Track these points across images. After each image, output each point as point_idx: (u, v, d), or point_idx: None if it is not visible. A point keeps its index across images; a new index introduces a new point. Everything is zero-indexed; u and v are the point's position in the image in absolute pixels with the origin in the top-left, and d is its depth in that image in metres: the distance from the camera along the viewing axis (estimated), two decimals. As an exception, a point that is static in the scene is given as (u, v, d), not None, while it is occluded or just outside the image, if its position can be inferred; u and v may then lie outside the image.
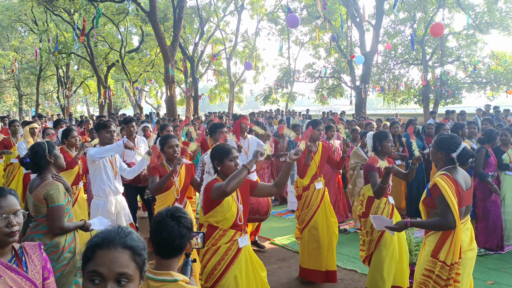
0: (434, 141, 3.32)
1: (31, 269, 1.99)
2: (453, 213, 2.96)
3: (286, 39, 31.93)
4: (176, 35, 19.71)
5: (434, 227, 3.08)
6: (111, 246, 1.31)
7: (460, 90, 24.12)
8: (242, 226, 3.20)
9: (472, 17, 23.22)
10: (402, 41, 26.37)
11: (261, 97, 32.78)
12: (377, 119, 13.68)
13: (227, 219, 3.13)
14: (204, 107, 55.11)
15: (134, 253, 1.34)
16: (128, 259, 1.32)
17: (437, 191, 3.04)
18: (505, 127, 7.30)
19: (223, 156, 3.19)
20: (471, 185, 3.23)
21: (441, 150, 3.24)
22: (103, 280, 1.28)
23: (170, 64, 18.77)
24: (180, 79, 33.23)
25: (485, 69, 24.82)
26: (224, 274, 3.04)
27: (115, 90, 34.47)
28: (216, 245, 3.11)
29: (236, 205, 3.17)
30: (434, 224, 3.06)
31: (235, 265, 3.08)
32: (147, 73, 30.46)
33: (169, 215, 1.99)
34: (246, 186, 3.30)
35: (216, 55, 31.41)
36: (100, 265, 1.29)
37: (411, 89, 26.18)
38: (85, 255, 1.33)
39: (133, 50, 30.27)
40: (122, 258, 1.31)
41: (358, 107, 21.77)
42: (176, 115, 20.31)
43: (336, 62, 29.68)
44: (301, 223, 4.99)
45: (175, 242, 1.94)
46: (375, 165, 4.03)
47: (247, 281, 3.09)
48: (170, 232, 1.94)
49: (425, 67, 23.95)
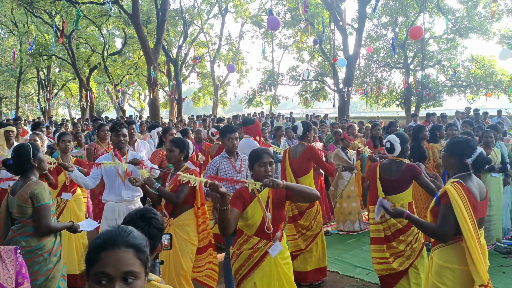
0: (447, 145, 3.02)
1: (3, 274, 1.96)
2: (461, 226, 2.68)
3: (270, 42, 32.07)
4: (159, 37, 19.62)
5: (427, 231, 2.87)
6: (115, 246, 1.32)
7: (440, 93, 24.55)
8: (270, 234, 3.07)
9: (452, 21, 23.68)
10: (384, 45, 26.73)
11: (245, 100, 32.81)
12: (359, 122, 13.84)
13: (249, 226, 3.06)
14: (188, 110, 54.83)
15: (138, 250, 1.36)
16: (133, 257, 1.34)
17: (445, 199, 2.77)
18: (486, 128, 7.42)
19: (253, 161, 3.11)
20: (486, 195, 2.93)
21: (454, 155, 2.92)
22: (111, 281, 1.30)
23: (153, 67, 18.67)
24: (163, 81, 33.04)
25: (465, 73, 25.32)
26: (244, 280, 3.05)
27: (97, 92, 34.11)
28: (239, 250, 3.09)
29: (262, 213, 3.05)
30: (428, 227, 2.85)
31: (257, 272, 3.03)
32: (130, 75, 30.22)
33: (139, 215, 2.00)
34: (280, 191, 3.10)
35: (199, 58, 31.34)
36: (106, 266, 1.30)
37: (393, 92, 26.53)
38: (89, 258, 1.34)
39: (115, 53, 30.01)
40: (127, 257, 1.32)
41: (341, 110, 21.95)
42: (159, 118, 20.19)
43: (319, 65, 29.93)
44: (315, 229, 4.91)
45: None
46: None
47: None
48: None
49: (407, 70, 24.31)
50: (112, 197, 4.47)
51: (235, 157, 4.57)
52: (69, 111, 41.27)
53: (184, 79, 31.92)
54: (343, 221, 6.93)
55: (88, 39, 27.45)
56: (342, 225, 6.93)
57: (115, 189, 4.48)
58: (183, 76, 32.33)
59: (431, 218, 2.95)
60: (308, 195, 2.96)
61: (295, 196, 3.07)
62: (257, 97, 32.08)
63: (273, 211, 3.09)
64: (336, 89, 24.26)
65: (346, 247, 6.19)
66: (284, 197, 3.13)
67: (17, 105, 31.19)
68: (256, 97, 31.98)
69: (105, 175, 4.52)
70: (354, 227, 6.87)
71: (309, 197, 2.98)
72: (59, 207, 4.91)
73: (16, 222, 3.17)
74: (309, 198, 3.01)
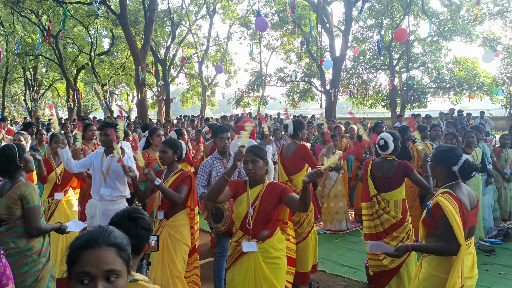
0: (433, 155, 3.04)
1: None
2: (457, 236, 2.67)
3: (258, 43, 32.10)
4: (147, 38, 19.52)
5: (437, 253, 2.80)
6: (96, 245, 1.32)
7: (425, 95, 24.86)
8: (250, 231, 3.14)
9: (436, 24, 24.00)
10: (370, 47, 26.97)
11: (233, 101, 32.78)
12: (345, 122, 13.93)
13: (236, 218, 3.23)
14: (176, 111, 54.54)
15: (119, 249, 1.37)
16: (114, 256, 1.34)
17: (439, 212, 2.73)
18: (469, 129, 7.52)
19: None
20: (477, 204, 2.93)
21: (440, 164, 2.94)
22: (93, 280, 1.30)
23: (141, 67, 18.56)
24: (151, 82, 32.84)
25: (448, 75, 25.67)
26: (229, 269, 3.26)
27: (84, 93, 33.77)
28: (232, 240, 3.28)
29: (246, 208, 3.15)
30: (436, 249, 2.77)
31: (237, 264, 3.18)
32: (117, 76, 29.98)
33: (127, 215, 2.00)
34: (275, 191, 3.15)
35: (187, 59, 31.23)
36: (87, 265, 1.30)
37: (379, 93, 26.78)
38: (70, 258, 1.34)
39: (103, 53, 29.74)
40: (108, 255, 1.33)
41: (328, 111, 22.07)
42: (147, 118, 20.08)
43: (306, 67, 30.06)
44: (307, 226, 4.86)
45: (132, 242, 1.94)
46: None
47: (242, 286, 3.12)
48: (126, 232, 1.93)
49: (392, 72, 24.55)
50: (94, 195, 4.45)
51: (227, 157, 4.53)
52: (56, 111, 40.76)
53: (172, 80, 31.77)
54: (330, 220, 6.97)
55: (75, 39, 27.16)
56: (330, 224, 6.97)
57: (96, 186, 4.44)
58: (171, 76, 32.17)
59: (423, 228, 2.93)
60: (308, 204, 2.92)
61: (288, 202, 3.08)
62: (245, 98, 32.08)
63: (259, 209, 3.13)
64: (323, 90, 24.39)
65: (334, 246, 6.22)
66: (278, 199, 3.14)
67: (3, 105, 30.68)
68: (244, 98, 31.98)
69: (92, 170, 4.49)
70: (341, 227, 6.91)
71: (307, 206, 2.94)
72: (50, 208, 4.82)
73: (4, 224, 3.13)
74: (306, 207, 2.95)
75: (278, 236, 3.23)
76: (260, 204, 3.14)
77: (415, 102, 24.50)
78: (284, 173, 5.09)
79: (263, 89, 31.94)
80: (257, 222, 3.14)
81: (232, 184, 3.21)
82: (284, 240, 3.33)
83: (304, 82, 30.28)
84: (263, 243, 3.15)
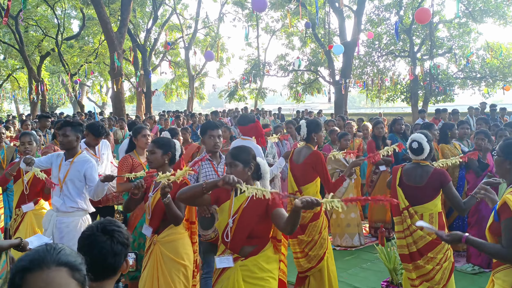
0: (500, 147, 2.99)
1: None
2: None
3: (255, 26, 32.08)
4: (124, 19, 19.48)
5: (493, 255, 2.79)
6: (43, 266, 1.30)
7: (452, 86, 24.84)
8: (228, 244, 3.24)
9: (465, 3, 24.01)
10: (387, 30, 26.97)
11: (225, 94, 32.77)
12: (358, 119, 13.94)
13: (218, 228, 3.36)
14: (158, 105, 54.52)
15: (72, 268, 1.34)
16: (67, 277, 1.31)
17: (506, 213, 2.69)
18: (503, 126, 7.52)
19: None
20: None
21: (510, 159, 2.90)
22: None
23: (117, 54, 18.52)
24: (129, 71, 32.76)
25: (479, 63, 25.66)
26: (214, 286, 3.34)
27: (50, 84, 33.67)
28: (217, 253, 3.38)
29: (226, 218, 3.25)
30: (493, 251, 2.75)
31: (219, 282, 3.26)
32: (89, 64, 29.89)
33: (101, 228, 1.98)
34: (261, 202, 3.12)
35: (172, 44, 31.20)
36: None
37: (397, 84, 26.78)
38: (12, 283, 1.30)
39: (72, 37, 29.66)
40: (59, 277, 1.30)
41: (337, 105, 22.10)
42: (124, 114, 20.04)
43: (312, 53, 30.05)
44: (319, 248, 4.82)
45: (108, 260, 1.93)
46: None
47: None
48: (101, 248, 1.93)
49: (413, 59, 24.57)
50: (52, 204, 4.47)
51: (218, 159, 4.51)
52: (16, 106, 40.64)
53: (153, 69, 31.72)
54: (340, 234, 6.97)
55: (39, 20, 27.07)
56: (339, 239, 6.97)
57: (53, 194, 4.45)
58: (153, 65, 32.12)
59: (491, 236, 2.89)
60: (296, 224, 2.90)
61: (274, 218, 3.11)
62: (239, 90, 32.07)
63: (239, 220, 3.18)
64: (332, 81, 24.40)
65: (344, 264, 6.22)
66: (264, 212, 3.16)
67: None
68: (239, 90, 31.97)
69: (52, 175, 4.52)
70: (353, 242, 6.91)
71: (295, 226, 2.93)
72: (16, 221, 4.80)
73: None
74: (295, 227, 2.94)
75: (266, 254, 3.24)
76: (241, 215, 3.18)
77: (440, 95, 24.51)
78: (293, 182, 5.03)
79: (261, 80, 31.93)
80: (237, 236, 3.19)
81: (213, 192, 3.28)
82: (276, 261, 3.32)
83: (309, 71, 30.29)
84: (246, 260, 3.18)
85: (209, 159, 4.48)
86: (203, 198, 3.25)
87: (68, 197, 4.38)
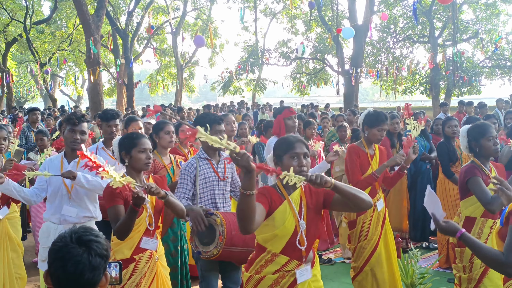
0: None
1: None
2: None
3: (252, 7, 32.09)
4: (102, 0, 19.44)
5: (488, 259, 2.77)
6: None
7: (478, 76, 24.86)
8: (302, 252, 3.04)
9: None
10: (404, 12, 26.97)
11: (219, 85, 32.77)
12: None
13: (277, 238, 3.01)
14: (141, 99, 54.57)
15: None
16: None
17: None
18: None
19: (282, 152, 3.07)
20: None
21: None
22: None
23: (94, 40, 18.48)
24: (108, 60, 32.71)
25: (509, 49, 25.68)
26: None
27: (17, 75, 33.63)
28: (259, 274, 3.03)
29: (294, 221, 3.02)
30: (490, 256, 2.72)
31: None
32: (62, 52, 29.86)
33: (75, 239, 1.92)
34: (318, 195, 3.13)
35: (157, 29, 31.15)
36: None
37: (416, 74, 26.80)
38: None
39: (42, 21, 29.63)
40: None
41: (347, 98, 22.09)
42: (102, 108, 19.98)
43: (318, 39, 30.05)
44: (356, 259, 4.86)
45: (85, 276, 1.87)
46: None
47: None
48: (77, 262, 1.87)
49: (434, 46, 24.56)
50: (52, 216, 4.28)
51: (217, 158, 4.44)
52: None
53: (136, 57, 31.69)
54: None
55: (4, 2, 27.05)
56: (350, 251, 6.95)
57: (55, 203, 4.29)
58: (135, 53, 32.09)
59: (498, 241, 2.89)
60: (359, 201, 2.90)
61: (338, 203, 3.05)
62: (235, 82, 32.07)
63: (307, 220, 3.06)
64: (341, 70, 24.40)
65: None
66: (322, 202, 3.11)
67: None
68: (234, 82, 31.97)
69: (48, 183, 4.32)
70: (365, 254, 6.90)
71: (360, 204, 2.92)
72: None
73: None
74: (358, 206, 2.96)
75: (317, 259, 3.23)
76: (307, 213, 3.07)
77: (464, 86, 24.52)
78: None
79: (259, 70, 31.95)
80: (308, 239, 3.07)
81: (261, 197, 2.95)
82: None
83: (315, 59, 30.30)
84: (313, 268, 3.14)
85: (207, 157, 4.38)
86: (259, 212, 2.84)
87: (81, 206, 4.27)
